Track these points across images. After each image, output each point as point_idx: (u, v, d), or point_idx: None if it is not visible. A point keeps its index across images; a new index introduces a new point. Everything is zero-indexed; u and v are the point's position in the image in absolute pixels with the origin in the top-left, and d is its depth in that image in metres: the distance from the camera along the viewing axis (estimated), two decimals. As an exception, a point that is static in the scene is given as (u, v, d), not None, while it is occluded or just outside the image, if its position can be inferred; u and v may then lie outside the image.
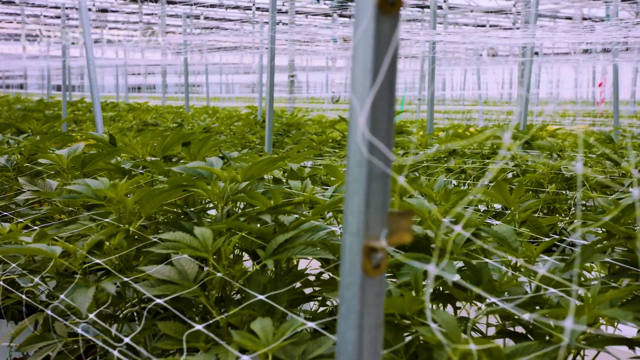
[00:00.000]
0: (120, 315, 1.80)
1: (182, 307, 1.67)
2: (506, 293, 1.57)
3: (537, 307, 1.59)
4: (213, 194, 1.77)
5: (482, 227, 1.67)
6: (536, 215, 3.22)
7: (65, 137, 3.36)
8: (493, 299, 1.38)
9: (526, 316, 1.31)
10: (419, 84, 12.62)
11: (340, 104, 19.76)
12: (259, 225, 1.85)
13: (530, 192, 3.58)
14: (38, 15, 18.51)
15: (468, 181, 3.78)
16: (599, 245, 1.62)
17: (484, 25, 19.21)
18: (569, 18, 16.79)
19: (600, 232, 2.03)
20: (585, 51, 17.45)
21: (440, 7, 15.09)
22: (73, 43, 20.08)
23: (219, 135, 5.99)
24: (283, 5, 15.30)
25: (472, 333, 1.70)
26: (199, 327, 1.30)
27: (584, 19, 14.58)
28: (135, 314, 1.83)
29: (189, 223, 1.77)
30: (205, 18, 18.00)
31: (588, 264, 2.00)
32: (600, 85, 13.57)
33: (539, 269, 1.83)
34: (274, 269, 1.50)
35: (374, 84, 0.82)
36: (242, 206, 2.12)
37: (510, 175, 3.87)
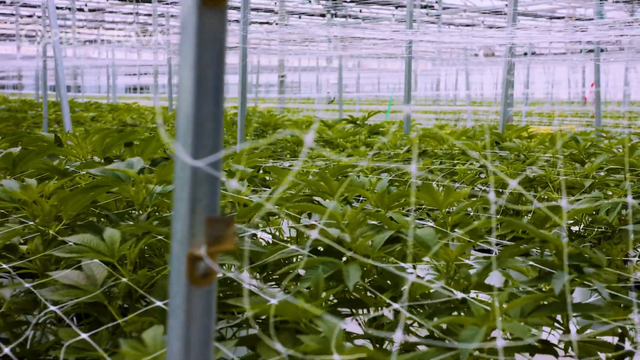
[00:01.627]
0: (40, 322, 1.75)
1: (94, 313, 1.62)
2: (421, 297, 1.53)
3: (456, 313, 1.54)
4: (132, 197, 1.72)
5: (402, 229, 1.63)
6: (498, 216, 3.17)
7: (25, 137, 3.31)
8: (396, 305, 1.33)
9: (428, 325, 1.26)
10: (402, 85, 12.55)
11: (334, 104, 19.69)
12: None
13: (497, 194, 3.53)
14: (31, 15, 18.48)
15: (434, 182, 3.73)
16: (522, 247, 1.57)
17: (478, 25, 19.12)
18: (562, 18, 16.72)
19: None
20: (582, 51, 17.37)
21: (432, 7, 15.02)
22: (64, 43, 20.00)
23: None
24: (275, 4, 15.24)
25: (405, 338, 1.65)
26: (84, 335, 1.25)
27: (576, 19, 14.52)
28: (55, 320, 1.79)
29: (105, 226, 1.72)
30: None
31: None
32: (592, 85, 13.48)
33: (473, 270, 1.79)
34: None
35: (197, 81, 0.77)
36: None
37: (483, 176, 3.82)
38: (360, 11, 17.37)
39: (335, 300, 1.67)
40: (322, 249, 1.60)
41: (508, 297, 1.51)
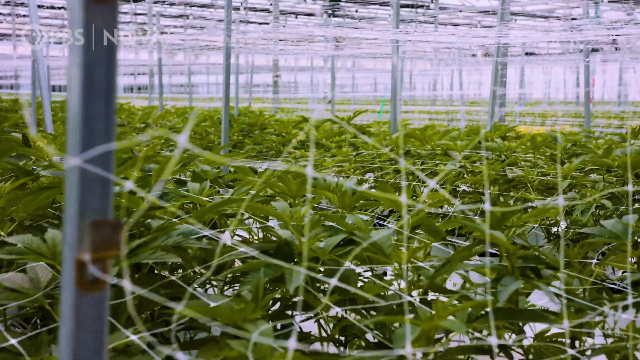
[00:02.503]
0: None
1: (40, 316, 1.60)
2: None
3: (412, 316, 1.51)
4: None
5: (356, 231, 1.59)
6: (478, 218, 3.14)
7: (3, 136, 3.29)
8: (337, 308, 1.30)
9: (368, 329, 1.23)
10: (400, 84, 12.51)
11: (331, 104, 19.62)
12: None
13: (476, 194, 3.51)
14: (28, 15, 18.42)
15: (414, 182, 3.70)
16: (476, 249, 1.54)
17: (475, 26, 19.05)
18: (558, 18, 16.66)
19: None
20: (581, 51, 17.28)
21: (428, 7, 14.99)
22: (63, 43, 19.96)
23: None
24: (271, 5, 15.19)
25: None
26: (13, 341, 1.22)
27: (572, 19, 14.47)
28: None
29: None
30: (195, 18, 17.86)
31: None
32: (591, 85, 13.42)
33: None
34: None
35: (85, 79, 0.74)
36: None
37: (466, 176, 3.79)
38: (357, 11, 17.30)
39: (292, 301, 1.65)
40: (272, 251, 1.57)
41: (460, 299, 1.48)
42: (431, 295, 1.67)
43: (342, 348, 1.61)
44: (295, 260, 1.52)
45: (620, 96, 15.84)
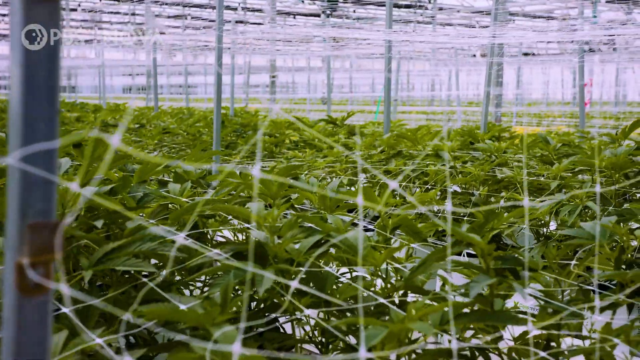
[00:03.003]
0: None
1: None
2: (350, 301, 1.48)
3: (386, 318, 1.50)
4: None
5: (332, 233, 1.58)
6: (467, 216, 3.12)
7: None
8: (308, 311, 1.29)
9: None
10: (395, 85, 12.51)
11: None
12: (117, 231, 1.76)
13: (466, 195, 3.49)
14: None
15: (404, 183, 3.69)
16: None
17: (473, 26, 19.03)
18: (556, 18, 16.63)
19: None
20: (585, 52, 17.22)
21: (426, 8, 14.98)
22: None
23: (176, 137, 5.90)
24: (268, 5, 15.16)
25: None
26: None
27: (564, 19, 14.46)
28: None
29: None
30: (192, 18, 17.85)
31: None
32: (585, 85, 13.41)
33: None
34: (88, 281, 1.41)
35: (25, 79, 0.73)
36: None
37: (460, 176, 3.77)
38: (354, 11, 17.28)
39: (262, 305, 1.64)
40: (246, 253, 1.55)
41: (437, 300, 1.46)
42: (411, 297, 1.65)
43: (324, 350, 1.59)
44: (271, 262, 1.50)
45: (618, 96, 15.81)
